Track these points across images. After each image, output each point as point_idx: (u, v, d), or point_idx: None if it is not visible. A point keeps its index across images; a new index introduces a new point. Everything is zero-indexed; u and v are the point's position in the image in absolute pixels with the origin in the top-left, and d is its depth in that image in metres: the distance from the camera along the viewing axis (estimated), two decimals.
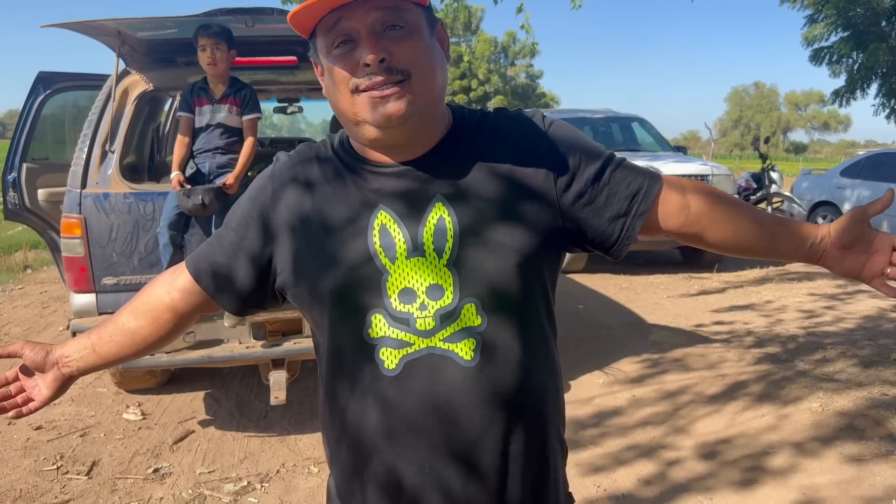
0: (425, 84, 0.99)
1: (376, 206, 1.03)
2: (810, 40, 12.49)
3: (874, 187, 10.26)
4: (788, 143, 74.66)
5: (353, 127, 1.03)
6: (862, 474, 3.16)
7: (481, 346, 0.99)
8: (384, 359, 1.00)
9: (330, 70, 1.02)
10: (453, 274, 1.00)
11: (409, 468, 1.01)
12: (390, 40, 0.97)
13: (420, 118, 1.00)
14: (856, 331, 5.41)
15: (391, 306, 1.00)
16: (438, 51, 1.05)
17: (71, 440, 3.74)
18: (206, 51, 3.44)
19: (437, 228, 1.01)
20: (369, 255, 1.01)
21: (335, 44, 0.99)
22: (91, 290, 3.48)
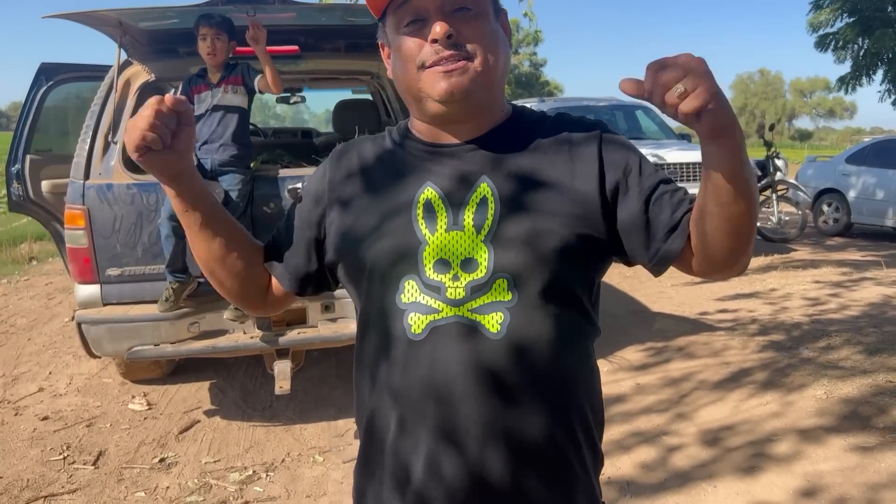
0: (488, 65, 1.04)
1: (424, 182, 1.08)
2: (815, 26, 12.41)
3: (880, 174, 10.21)
4: (794, 130, 74.35)
5: (416, 104, 1.09)
6: (866, 461, 3.16)
7: (509, 321, 1.01)
8: (411, 323, 1.03)
9: (398, 47, 1.07)
10: (489, 249, 1.03)
11: (423, 431, 1.03)
12: (458, 20, 1.03)
13: (480, 96, 1.05)
14: (861, 318, 5.40)
15: (425, 274, 1.04)
16: (502, 36, 1.10)
17: (77, 430, 3.76)
18: (206, 40, 3.43)
19: (479, 206, 1.05)
20: (410, 226, 1.06)
21: (405, 22, 1.05)
22: (95, 280, 3.49)
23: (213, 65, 3.52)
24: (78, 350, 4.28)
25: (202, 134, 3.54)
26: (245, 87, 3.55)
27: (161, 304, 3.42)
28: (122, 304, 3.52)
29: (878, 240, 10.39)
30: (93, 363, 4.68)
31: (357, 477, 1.16)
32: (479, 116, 1.09)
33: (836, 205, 10.79)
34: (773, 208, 9.69)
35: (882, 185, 10.13)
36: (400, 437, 1.05)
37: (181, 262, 3.46)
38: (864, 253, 9.09)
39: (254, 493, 3.12)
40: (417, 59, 1.04)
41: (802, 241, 9.92)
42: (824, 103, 74.10)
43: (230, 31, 3.47)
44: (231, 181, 3.50)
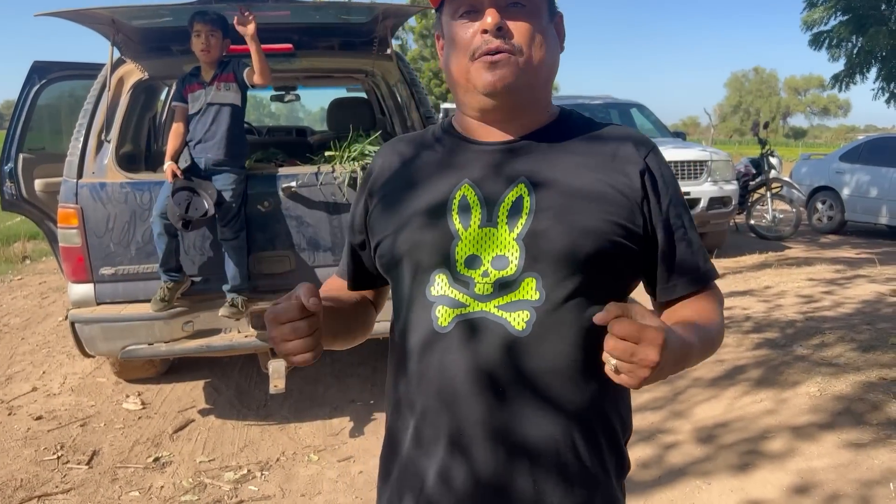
0: (534, 62, 1.06)
1: (462, 179, 1.10)
2: (810, 24, 12.41)
3: (873, 172, 10.24)
4: (788, 128, 74.53)
5: (463, 95, 1.11)
6: (859, 458, 3.17)
7: (535, 320, 1.01)
8: (439, 316, 1.05)
9: (451, 36, 1.09)
10: (521, 248, 1.04)
11: (444, 422, 1.05)
12: (510, 14, 1.04)
13: (523, 91, 1.07)
14: (854, 315, 5.41)
15: (456, 269, 1.06)
16: (553, 36, 1.11)
17: (71, 430, 3.75)
18: (200, 36, 3.42)
19: (514, 205, 1.06)
20: (445, 220, 1.07)
21: (459, 12, 1.07)
22: (89, 280, 3.48)
23: (207, 62, 3.50)
24: (72, 349, 4.27)
25: (196, 133, 3.53)
26: (238, 84, 3.53)
27: (155, 303, 3.41)
28: (116, 304, 3.51)
29: (872, 237, 10.43)
30: (87, 362, 4.66)
31: (382, 461, 1.18)
32: (522, 114, 1.11)
33: (831, 202, 10.83)
34: (768, 206, 9.72)
35: (876, 182, 10.16)
36: (423, 425, 1.07)
37: (175, 260, 3.45)
38: (857, 250, 9.12)
39: (248, 492, 3.11)
40: (469, 49, 1.05)
41: (797, 238, 9.94)
42: (818, 101, 74.27)
43: (224, 29, 3.46)
44: (225, 181, 3.48)
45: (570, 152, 1.10)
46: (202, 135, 3.52)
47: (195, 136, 3.53)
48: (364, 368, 4.54)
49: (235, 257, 3.49)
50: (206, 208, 3.36)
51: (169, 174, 3.39)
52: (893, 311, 5.51)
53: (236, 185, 3.50)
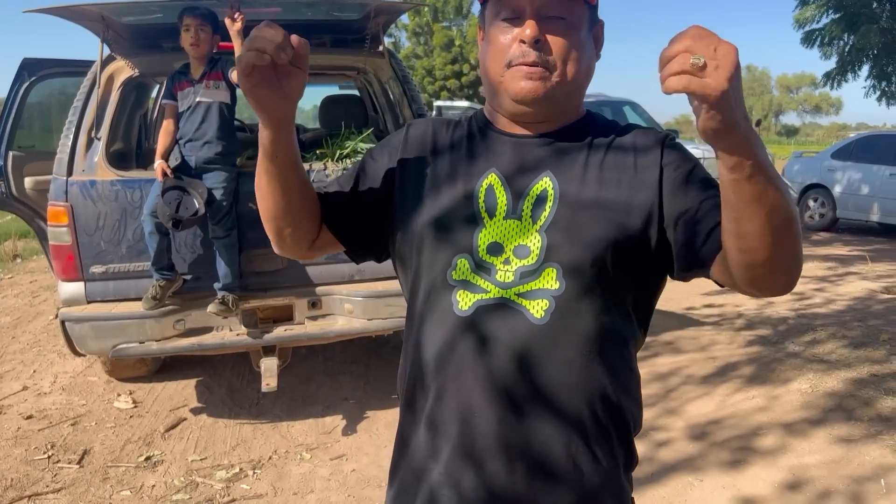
0: (567, 76, 1.06)
1: (490, 167, 1.11)
2: (802, 22, 12.45)
3: (865, 170, 10.28)
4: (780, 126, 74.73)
5: (494, 95, 1.12)
6: (850, 454, 3.18)
7: (554, 309, 1.03)
8: (459, 300, 1.07)
9: (490, 39, 1.10)
10: (543, 239, 1.05)
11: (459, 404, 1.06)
12: (550, 27, 1.04)
13: (553, 103, 1.08)
14: (845, 312, 5.44)
15: (478, 254, 1.07)
16: (591, 48, 1.12)
17: (62, 429, 3.73)
18: (189, 31, 3.39)
19: (539, 197, 1.07)
20: (471, 206, 1.09)
21: (502, 16, 1.07)
22: (79, 278, 3.46)
23: (196, 57, 3.47)
24: (63, 348, 4.24)
25: (186, 131, 3.50)
26: (227, 82, 3.50)
27: (146, 301, 3.39)
28: (107, 302, 3.49)
29: (864, 235, 10.47)
30: (78, 361, 4.64)
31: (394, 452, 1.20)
32: (551, 119, 1.12)
33: (822, 200, 10.86)
34: None
35: (867, 180, 10.20)
36: (437, 408, 1.09)
37: (167, 259, 3.43)
38: (849, 248, 9.16)
39: (240, 490, 3.10)
40: (506, 57, 1.06)
41: None
42: (811, 99, 74.55)
43: (214, 24, 3.43)
44: (216, 179, 3.46)
45: (595, 149, 1.11)
46: (192, 133, 3.49)
47: (185, 134, 3.50)
48: (357, 366, 4.53)
49: (227, 256, 3.48)
50: (196, 207, 3.34)
51: (159, 173, 3.36)
52: (884, 308, 5.54)
53: (227, 183, 3.48)
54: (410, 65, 31.75)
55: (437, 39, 32.61)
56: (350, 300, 3.59)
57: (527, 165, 1.11)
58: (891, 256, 8.42)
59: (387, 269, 4.12)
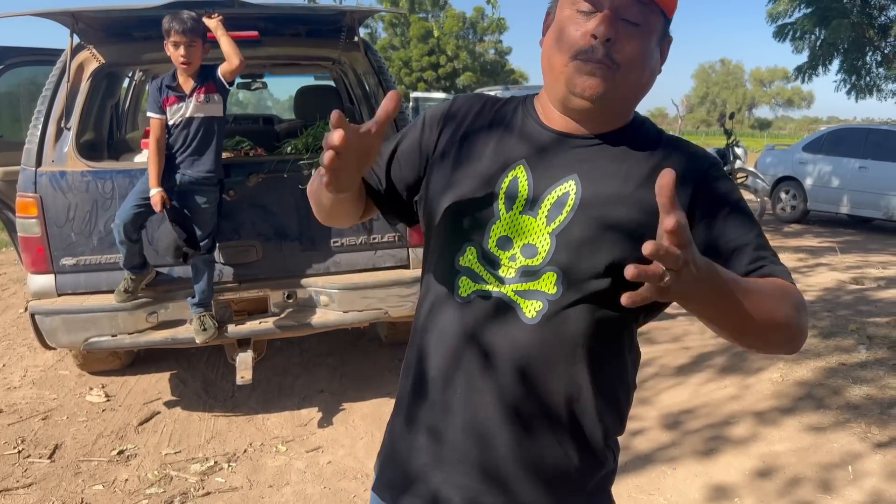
0: (629, 80, 1.05)
1: (519, 159, 1.11)
2: (774, 16, 12.57)
3: (835, 162, 10.44)
4: (754, 119, 75.56)
5: (553, 82, 1.09)
6: (819, 442, 3.24)
7: (546, 312, 1.04)
8: (461, 286, 1.09)
9: (560, 24, 1.07)
10: (552, 243, 1.05)
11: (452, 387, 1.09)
12: (622, 29, 1.02)
13: (609, 104, 1.06)
14: (815, 303, 5.53)
15: (487, 245, 1.08)
16: (656, 59, 1.10)
17: (32, 423, 3.68)
18: (179, 49, 3.21)
19: (559, 200, 1.06)
20: (491, 197, 1.09)
21: (577, 6, 1.05)
22: (49, 270, 3.40)
23: (189, 73, 3.31)
24: (33, 342, 4.17)
25: (175, 147, 3.34)
26: (218, 93, 3.36)
27: (118, 294, 3.35)
28: (78, 294, 3.44)
29: (834, 226, 10.65)
30: (48, 355, 4.57)
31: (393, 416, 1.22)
32: (601, 120, 1.10)
33: (794, 192, 11.02)
34: None
35: (837, 172, 10.36)
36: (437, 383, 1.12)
37: (138, 258, 3.36)
38: (819, 239, 9.31)
39: (215, 483, 3.08)
40: (574, 47, 1.04)
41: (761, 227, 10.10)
42: (783, 93, 75.38)
43: (203, 34, 3.27)
44: (202, 199, 3.35)
45: (628, 163, 1.08)
46: (182, 150, 3.33)
47: (173, 148, 3.34)
48: (332, 359, 4.52)
49: (206, 271, 3.40)
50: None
51: (158, 204, 3.20)
52: (853, 299, 5.64)
53: (212, 203, 3.38)
54: (387, 56, 31.59)
55: (413, 31, 32.48)
56: (326, 292, 3.58)
57: (556, 164, 1.09)
58: (860, 248, 8.58)
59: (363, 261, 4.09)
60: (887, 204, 9.78)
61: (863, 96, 12.72)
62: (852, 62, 12.27)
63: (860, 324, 4.80)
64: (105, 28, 3.72)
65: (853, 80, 12.59)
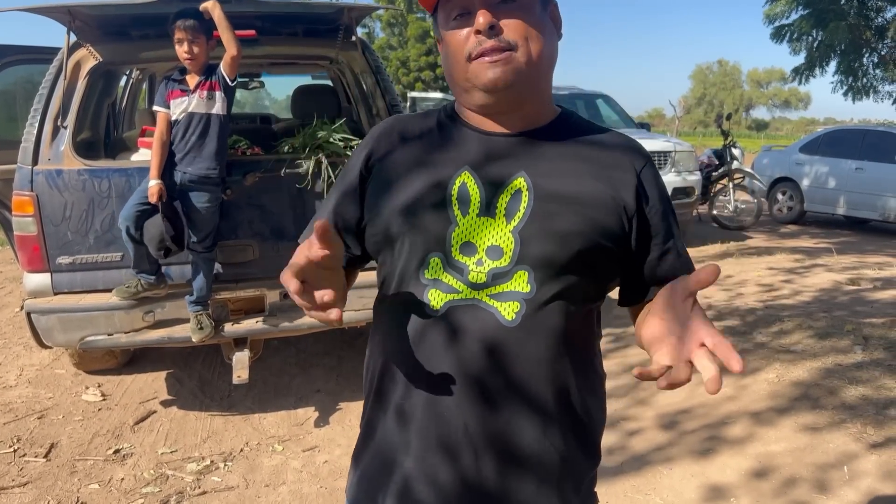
0: (530, 56, 1.06)
1: (463, 165, 1.11)
2: (772, 18, 12.58)
3: (831, 163, 10.46)
4: (750, 120, 75.64)
5: (464, 94, 1.11)
6: (816, 442, 3.24)
7: (525, 312, 1.04)
8: (431, 299, 1.07)
9: (447, 40, 1.10)
10: (516, 241, 1.06)
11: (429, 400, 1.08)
12: (502, 12, 1.05)
13: (524, 87, 1.07)
14: (812, 303, 5.53)
15: (451, 254, 1.07)
16: (549, 27, 1.11)
17: (28, 422, 3.67)
18: (183, 45, 3.24)
19: (513, 198, 1.07)
20: (444, 206, 1.08)
21: (453, 16, 1.08)
22: (45, 269, 3.40)
23: (194, 69, 3.32)
24: (29, 341, 4.16)
25: (177, 147, 3.34)
26: (223, 92, 3.36)
27: (122, 291, 3.33)
28: (74, 293, 3.43)
29: (830, 227, 10.67)
30: (44, 354, 4.56)
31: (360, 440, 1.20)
32: (524, 107, 1.11)
33: (791, 193, 11.04)
34: (730, 197, 9.87)
35: (834, 174, 10.39)
36: (407, 401, 1.10)
37: (146, 263, 3.35)
38: (816, 240, 9.32)
39: (212, 483, 3.08)
40: (465, 51, 1.06)
41: (758, 228, 10.12)
42: (780, 94, 75.47)
43: (207, 31, 3.27)
44: (203, 197, 3.34)
45: (569, 152, 1.12)
46: (183, 146, 3.33)
47: (175, 150, 3.34)
48: (329, 358, 4.52)
49: (206, 268, 3.40)
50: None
51: (155, 195, 3.21)
52: (849, 300, 5.64)
53: (213, 202, 3.37)
54: (385, 56, 31.58)
55: (411, 30, 32.47)
56: None
57: (502, 163, 1.10)
58: (856, 249, 8.60)
59: None
60: (884, 205, 9.81)
61: (860, 98, 12.72)
62: (849, 63, 12.28)
63: (856, 324, 4.80)
64: (102, 26, 3.71)
65: (850, 81, 12.60)
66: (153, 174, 3.26)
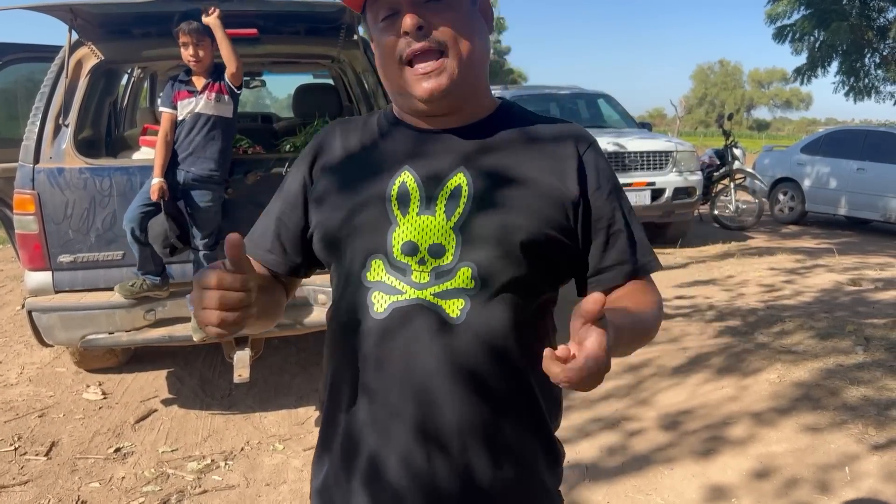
0: (463, 56, 1.04)
1: (402, 165, 1.09)
2: (773, 18, 12.58)
3: (833, 164, 10.45)
4: (752, 120, 75.54)
5: (399, 98, 1.10)
6: (817, 443, 3.24)
7: (469, 308, 1.03)
8: (374, 302, 1.05)
9: (377, 41, 1.08)
10: (457, 237, 1.04)
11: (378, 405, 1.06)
12: (430, 11, 1.02)
13: (460, 90, 1.06)
14: (813, 304, 5.53)
15: (392, 255, 1.05)
16: (479, 22, 1.09)
17: (29, 421, 3.67)
18: (188, 48, 3.28)
19: (452, 194, 1.06)
20: (384, 206, 1.06)
21: (381, 16, 1.06)
22: (47, 267, 3.40)
23: (199, 71, 3.35)
24: (29, 339, 4.17)
25: (181, 143, 3.35)
26: (230, 95, 3.38)
27: (123, 289, 3.32)
28: (75, 292, 3.43)
29: (831, 228, 10.66)
30: (45, 352, 4.56)
31: (319, 444, 1.19)
32: (462, 107, 1.10)
33: (792, 193, 11.03)
34: (731, 197, 9.87)
35: (835, 174, 10.38)
36: (358, 409, 1.07)
37: (152, 265, 3.36)
38: (817, 241, 9.32)
39: (212, 481, 3.08)
40: (396, 53, 1.04)
41: (759, 228, 10.12)
42: (781, 94, 75.35)
43: (212, 32, 3.28)
44: (206, 196, 3.36)
45: (509, 144, 1.10)
46: (188, 146, 3.34)
47: (179, 147, 3.35)
48: None
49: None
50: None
51: (156, 193, 3.22)
52: (850, 300, 5.64)
53: (216, 201, 3.39)
54: None
55: None
56: (324, 291, 3.57)
57: (441, 160, 1.09)
58: (857, 249, 8.59)
59: None
60: (885, 205, 9.80)
61: (861, 98, 12.73)
62: (851, 64, 12.28)
63: (858, 325, 4.80)
64: (103, 24, 3.71)
65: (852, 81, 12.60)
66: (157, 172, 3.28)
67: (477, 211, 1.04)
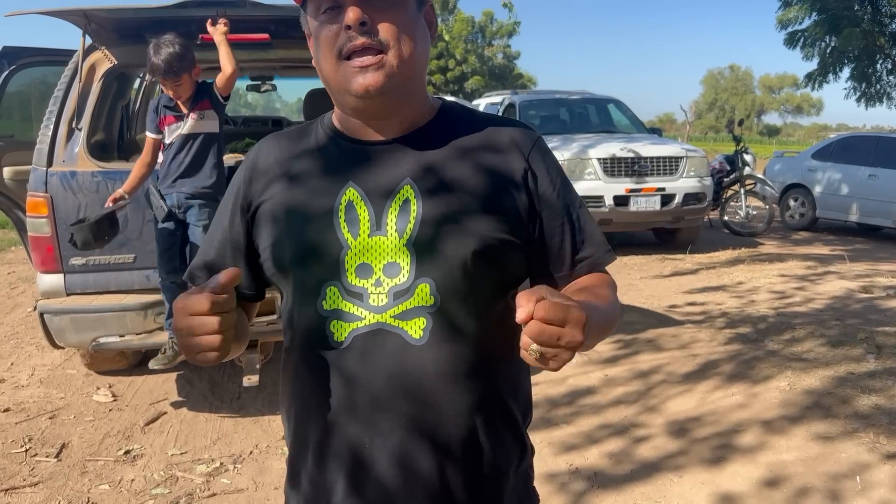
0: (403, 57, 1.01)
1: (346, 182, 1.05)
2: (784, 23, 12.57)
3: (844, 170, 10.40)
4: (762, 125, 75.29)
5: (337, 95, 1.06)
6: (828, 451, 3.22)
7: (431, 327, 1.00)
8: (334, 331, 1.02)
9: (316, 35, 1.04)
10: (411, 253, 1.01)
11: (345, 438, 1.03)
12: (374, 9, 0.99)
13: (398, 91, 1.02)
14: (824, 311, 5.50)
15: (347, 280, 1.02)
16: (422, 28, 1.06)
17: (40, 422, 3.69)
18: (169, 90, 3.31)
19: (402, 209, 1.02)
20: (332, 230, 1.02)
21: (322, 9, 1.02)
22: (59, 270, 3.42)
23: (183, 100, 3.36)
24: (41, 341, 4.19)
25: (171, 167, 3.36)
26: (214, 109, 3.39)
27: (158, 362, 3.42)
28: (87, 294, 3.45)
29: (843, 234, 10.60)
30: (56, 354, 4.59)
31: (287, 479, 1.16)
32: (399, 110, 1.06)
33: (803, 199, 10.98)
34: (741, 203, 9.84)
35: (846, 180, 10.32)
36: (326, 442, 1.05)
37: None
38: (828, 247, 9.27)
39: (221, 485, 3.09)
40: (335, 47, 1.00)
41: (769, 235, 10.08)
42: (792, 100, 75.08)
43: (189, 66, 3.27)
44: (200, 215, 3.35)
45: (453, 149, 1.07)
46: (177, 168, 3.35)
47: (171, 170, 3.36)
48: None
49: None
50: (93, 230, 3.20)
51: (113, 199, 3.26)
52: (862, 308, 5.60)
53: (212, 217, 3.38)
54: None
55: None
56: None
57: (385, 173, 1.05)
58: (869, 256, 8.54)
59: None
60: None
61: (873, 104, 12.69)
62: (863, 70, 12.24)
63: (869, 333, 4.77)
64: (117, 29, 3.74)
65: (863, 87, 12.56)
66: (125, 187, 3.32)
67: (428, 224, 1.01)
